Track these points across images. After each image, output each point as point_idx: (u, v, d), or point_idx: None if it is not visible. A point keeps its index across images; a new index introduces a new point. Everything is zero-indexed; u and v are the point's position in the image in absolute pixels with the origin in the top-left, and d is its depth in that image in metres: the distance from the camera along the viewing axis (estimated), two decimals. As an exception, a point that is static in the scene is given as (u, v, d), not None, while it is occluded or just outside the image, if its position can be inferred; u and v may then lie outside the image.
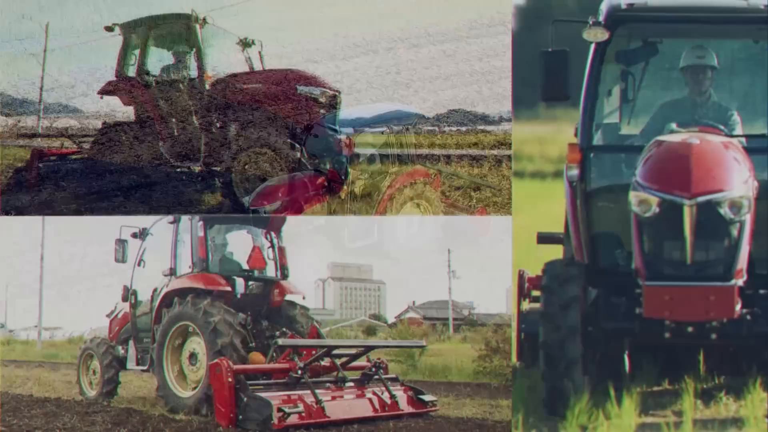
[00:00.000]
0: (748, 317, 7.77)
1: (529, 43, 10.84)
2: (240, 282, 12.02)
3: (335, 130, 13.15)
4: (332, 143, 13.13)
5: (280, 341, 10.43)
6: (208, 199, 13.90)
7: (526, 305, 9.53)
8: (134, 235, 13.03)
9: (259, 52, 14.80)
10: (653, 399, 8.48)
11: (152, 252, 12.86)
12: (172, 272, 11.84)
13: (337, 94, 13.37)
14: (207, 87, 13.18)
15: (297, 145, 12.27)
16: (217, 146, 13.23)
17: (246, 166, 12.50)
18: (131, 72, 13.97)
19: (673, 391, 8.63)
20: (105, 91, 14.23)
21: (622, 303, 7.94)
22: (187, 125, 13.78)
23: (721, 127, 8.48)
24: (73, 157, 15.52)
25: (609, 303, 8.02)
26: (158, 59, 14.15)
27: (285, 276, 12.56)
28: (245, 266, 12.20)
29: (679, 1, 8.65)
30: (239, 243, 12.52)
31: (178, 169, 13.79)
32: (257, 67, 14.60)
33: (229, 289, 11.40)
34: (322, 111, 12.92)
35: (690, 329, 7.67)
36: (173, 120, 13.73)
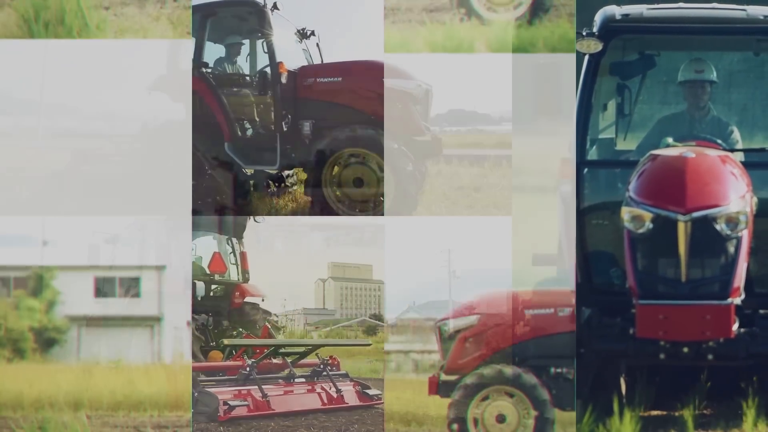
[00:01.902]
0: (747, 337, 7.59)
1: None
2: (201, 285, 12.39)
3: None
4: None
5: (226, 341, 11.08)
6: (282, 204, 13.64)
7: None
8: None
9: (317, 45, 14.20)
10: (651, 422, 8.34)
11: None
12: None
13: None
14: (283, 81, 12.14)
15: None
16: (294, 147, 12.27)
17: (340, 170, 11.59)
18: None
19: (671, 414, 8.51)
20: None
21: (616, 323, 7.76)
22: (252, 123, 12.72)
23: (719, 142, 8.32)
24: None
25: (602, 323, 7.85)
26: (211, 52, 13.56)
27: (246, 279, 12.91)
28: (208, 270, 12.73)
29: (676, 12, 8.43)
30: (205, 248, 12.86)
31: (248, 172, 13.24)
32: (316, 60, 14.09)
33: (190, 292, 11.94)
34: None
35: (685, 350, 7.49)
36: (241, 118, 12.62)
